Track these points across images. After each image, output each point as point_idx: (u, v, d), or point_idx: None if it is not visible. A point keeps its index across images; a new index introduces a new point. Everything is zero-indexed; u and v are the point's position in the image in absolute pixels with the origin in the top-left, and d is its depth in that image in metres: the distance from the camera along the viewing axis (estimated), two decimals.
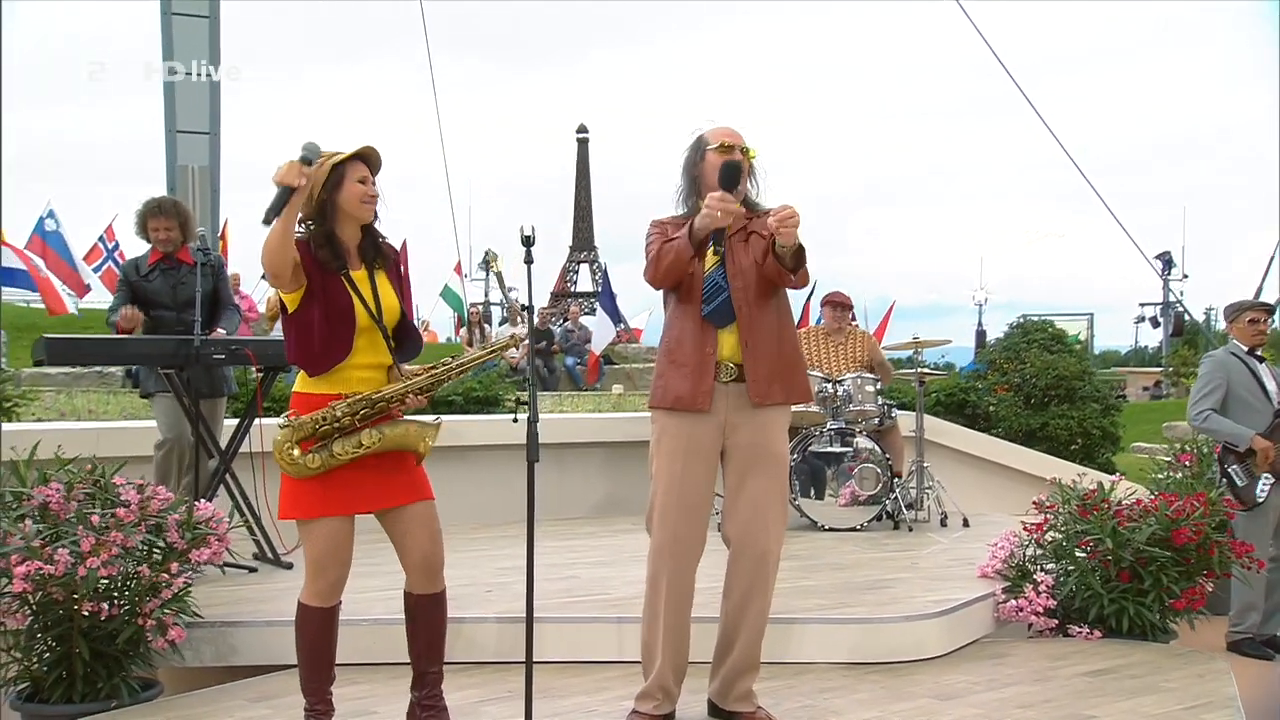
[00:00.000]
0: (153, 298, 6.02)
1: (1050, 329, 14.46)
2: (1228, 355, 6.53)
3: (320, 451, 3.50)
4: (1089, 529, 5.34)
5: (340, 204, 3.53)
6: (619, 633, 4.73)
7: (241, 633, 4.64)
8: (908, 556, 6.41)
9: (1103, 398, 13.34)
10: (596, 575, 5.72)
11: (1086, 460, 12.82)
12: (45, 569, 3.91)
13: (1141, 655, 4.89)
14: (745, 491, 3.92)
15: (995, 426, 12.95)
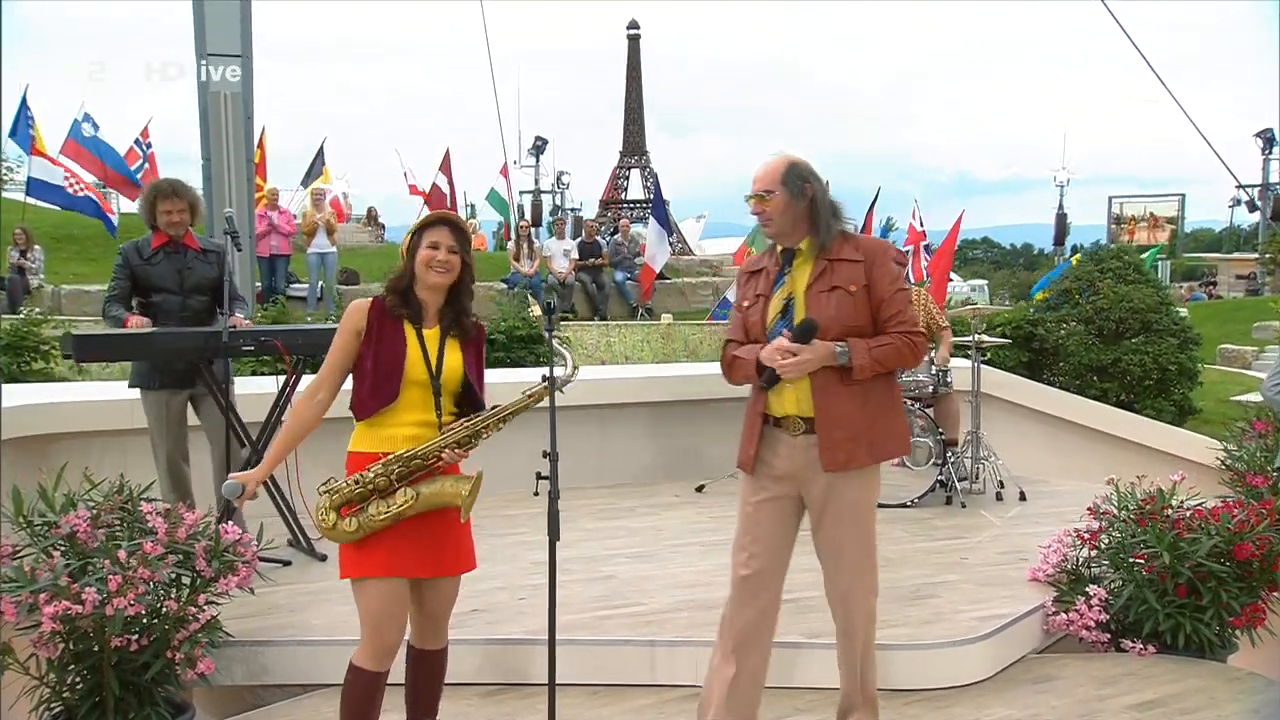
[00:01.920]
0: (157, 282, 6.06)
1: (1126, 256, 14.19)
2: None
3: (358, 515, 3.59)
4: (1146, 539, 5.33)
5: (414, 265, 3.71)
6: (651, 656, 4.81)
7: (273, 652, 4.80)
8: (958, 547, 6.44)
9: (1181, 331, 13.13)
10: (635, 574, 5.81)
11: (1162, 397, 12.72)
12: (73, 609, 4.05)
13: (1195, 680, 4.91)
14: (822, 537, 3.99)
15: (1064, 361, 12.84)
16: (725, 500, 7.68)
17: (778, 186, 3.85)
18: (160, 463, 6.16)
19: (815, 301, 3.82)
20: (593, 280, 18.87)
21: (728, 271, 22.00)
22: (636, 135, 22.32)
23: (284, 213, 17.67)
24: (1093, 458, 9.37)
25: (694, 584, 5.64)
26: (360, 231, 25.56)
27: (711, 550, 6.29)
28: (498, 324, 11.60)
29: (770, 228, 3.89)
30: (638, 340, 14.84)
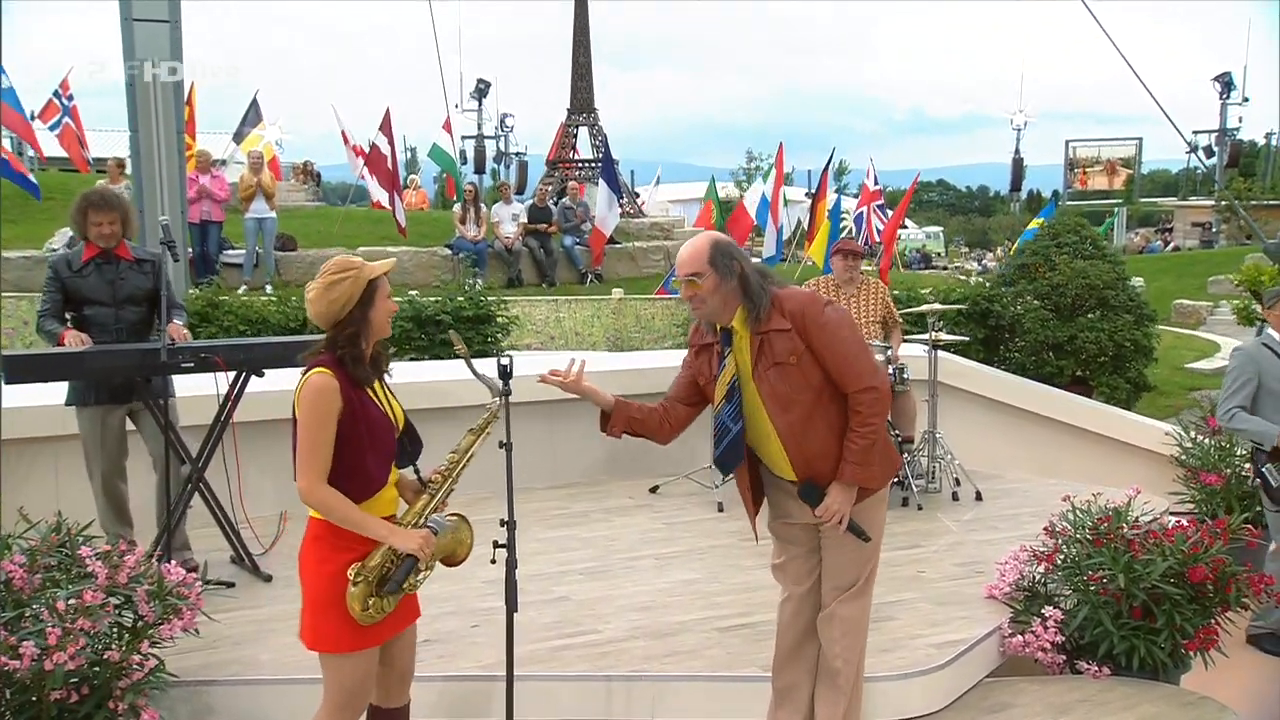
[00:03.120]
0: (88, 294, 5.98)
1: (1083, 230, 14.33)
2: (1259, 348, 6.56)
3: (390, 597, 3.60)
4: (1102, 561, 5.44)
5: (372, 319, 3.58)
6: (608, 691, 4.86)
7: (217, 691, 4.80)
8: (915, 559, 6.54)
9: (1137, 307, 13.31)
10: (589, 595, 5.86)
11: (1117, 374, 12.91)
12: (10, 664, 4.03)
13: (1150, 706, 5.03)
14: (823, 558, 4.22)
15: (1020, 338, 12.99)
16: (679, 502, 7.77)
17: (705, 268, 3.90)
18: (96, 483, 6.12)
19: (763, 381, 3.95)
20: (540, 245, 18.82)
21: (679, 235, 22.02)
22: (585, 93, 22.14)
23: (217, 177, 17.43)
24: (1050, 448, 9.50)
25: (649, 606, 5.70)
26: (295, 190, 25.29)
27: (666, 565, 6.36)
28: (443, 304, 11.54)
29: (702, 310, 3.97)
30: (588, 316, 14.84)
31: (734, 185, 45.46)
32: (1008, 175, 51.76)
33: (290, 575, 6.08)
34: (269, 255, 17.41)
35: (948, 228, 70.76)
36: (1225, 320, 25.45)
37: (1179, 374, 18.59)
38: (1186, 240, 45.46)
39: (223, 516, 6.20)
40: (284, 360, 6.17)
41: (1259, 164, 51.32)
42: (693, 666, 4.98)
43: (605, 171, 18.91)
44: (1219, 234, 42.91)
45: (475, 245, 18.13)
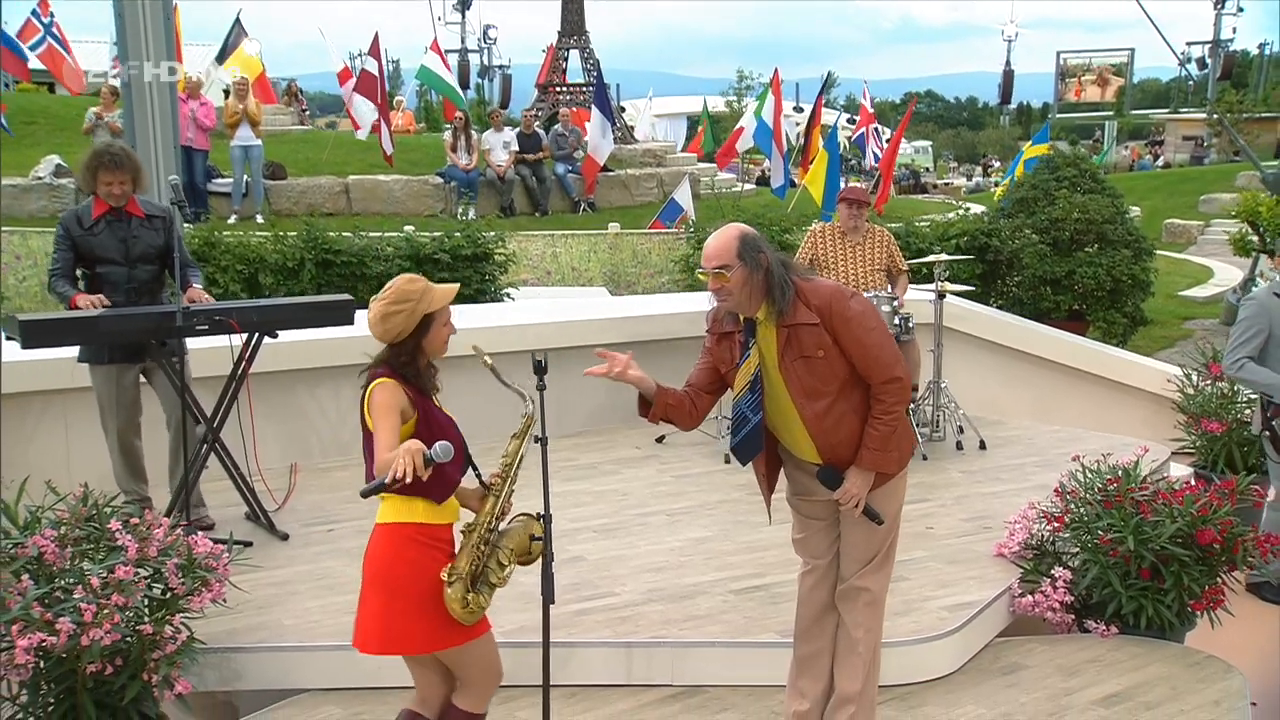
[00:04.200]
0: (100, 253, 6.00)
1: (1082, 164, 14.35)
2: (1271, 297, 6.59)
3: (484, 589, 3.74)
4: (1112, 522, 5.57)
5: (425, 348, 3.73)
6: (628, 657, 4.99)
7: (245, 658, 4.92)
8: (923, 514, 6.67)
9: (1135, 241, 13.39)
10: (604, 555, 5.98)
11: (1114, 309, 13.03)
12: (48, 641, 4.13)
13: (1158, 666, 5.20)
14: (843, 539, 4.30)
15: (1018, 273, 13.07)
16: (686, 453, 7.88)
17: (734, 260, 3.94)
18: (111, 440, 6.19)
19: (790, 373, 3.99)
20: (533, 174, 18.77)
21: (671, 161, 21.95)
22: (576, 14, 21.81)
23: (204, 104, 17.28)
24: (1051, 390, 9.64)
25: (663, 566, 5.82)
26: (281, 113, 25.02)
27: (677, 522, 6.48)
28: (441, 242, 11.55)
29: (729, 302, 3.98)
30: (584, 251, 14.84)
31: (724, 104, 45.15)
32: (996, 85, 51.52)
33: (307, 533, 6.26)
34: (257, 184, 17.34)
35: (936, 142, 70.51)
36: (1216, 239, 25.59)
37: (1172, 302, 18.77)
38: (1177, 154, 45.38)
39: (237, 474, 6.28)
40: (297, 322, 6.26)
41: (1251, 75, 51.11)
42: (711, 632, 5.11)
43: (598, 98, 18.80)
44: (1210, 148, 42.85)
45: (467, 174, 18.08)
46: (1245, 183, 29.82)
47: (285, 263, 11.08)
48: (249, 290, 10.85)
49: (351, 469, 7.51)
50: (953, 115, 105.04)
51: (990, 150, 65.62)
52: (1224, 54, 44.89)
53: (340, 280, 11.15)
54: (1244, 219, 15.66)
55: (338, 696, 4.87)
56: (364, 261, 11.25)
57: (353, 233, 11.68)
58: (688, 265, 13.05)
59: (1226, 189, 30.91)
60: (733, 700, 4.84)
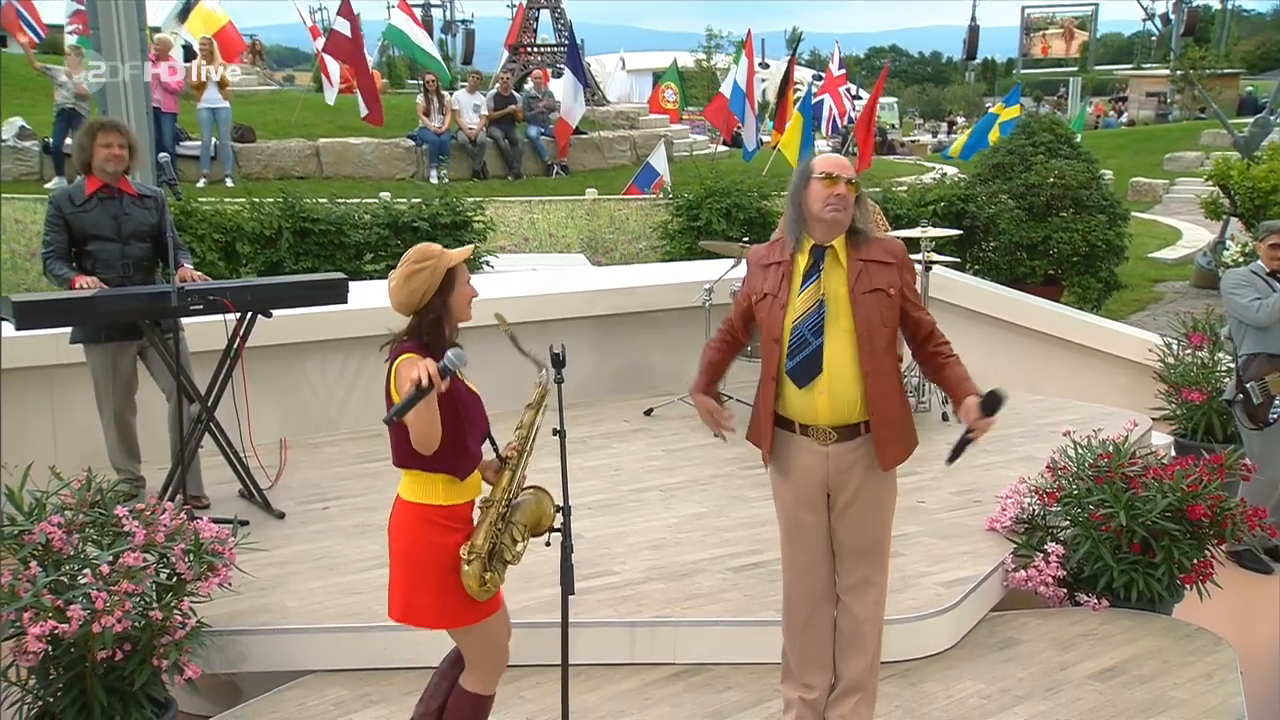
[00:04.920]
0: (92, 230, 5.98)
1: (1058, 129, 14.44)
2: (1250, 273, 6.75)
3: (499, 567, 3.79)
4: (1104, 498, 5.67)
5: (452, 306, 3.72)
6: (631, 636, 5.06)
7: (250, 640, 4.96)
8: (914, 487, 6.74)
9: (1110, 206, 13.51)
10: (601, 532, 6.04)
11: (1089, 274, 13.16)
12: (60, 628, 4.16)
13: (1149, 640, 5.33)
14: (844, 528, 4.27)
15: (995, 239, 13.17)
16: (675, 425, 7.95)
17: (855, 178, 4.03)
18: (107, 419, 6.20)
19: (861, 304, 4.00)
20: (505, 136, 18.69)
21: (644, 123, 21.89)
22: None
23: (173, 67, 17.08)
24: (1032, 359, 9.76)
25: (661, 544, 5.89)
26: (247, 72, 24.74)
27: (672, 498, 6.55)
28: (419, 210, 11.51)
29: (843, 216, 3.99)
30: (561, 217, 14.81)
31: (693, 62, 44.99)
32: (960, 40, 51.55)
33: (303, 511, 6.30)
34: (226, 147, 17.19)
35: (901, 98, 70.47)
36: (1181, 198, 25.85)
37: (1142, 264, 18.93)
38: (1141, 110, 45.59)
39: (231, 452, 6.29)
40: (292, 301, 6.26)
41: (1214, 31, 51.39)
42: (713, 611, 5.18)
43: (571, 60, 18.70)
44: (1174, 105, 43.08)
45: (439, 136, 17.97)
46: (1210, 140, 30.14)
47: (263, 231, 11.01)
48: (226, 259, 10.79)
49: (340, 444, 7.54)
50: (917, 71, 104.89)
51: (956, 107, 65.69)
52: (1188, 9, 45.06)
53: (318, 249, 11.10)
54: (1215, 182, 15.80)
55: (344, 678, 4.92)
56: (342, 230, 11.20)
57: (330, 200, 11.61)
58: (666, 232, 13.06)
59: (1191, 147, 31.20)
60: (736, 679, 4.93)
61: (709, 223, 12.28)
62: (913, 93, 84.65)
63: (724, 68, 44.37)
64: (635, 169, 17.90)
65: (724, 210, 12.35)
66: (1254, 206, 15.13)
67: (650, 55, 44.55)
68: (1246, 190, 15.12)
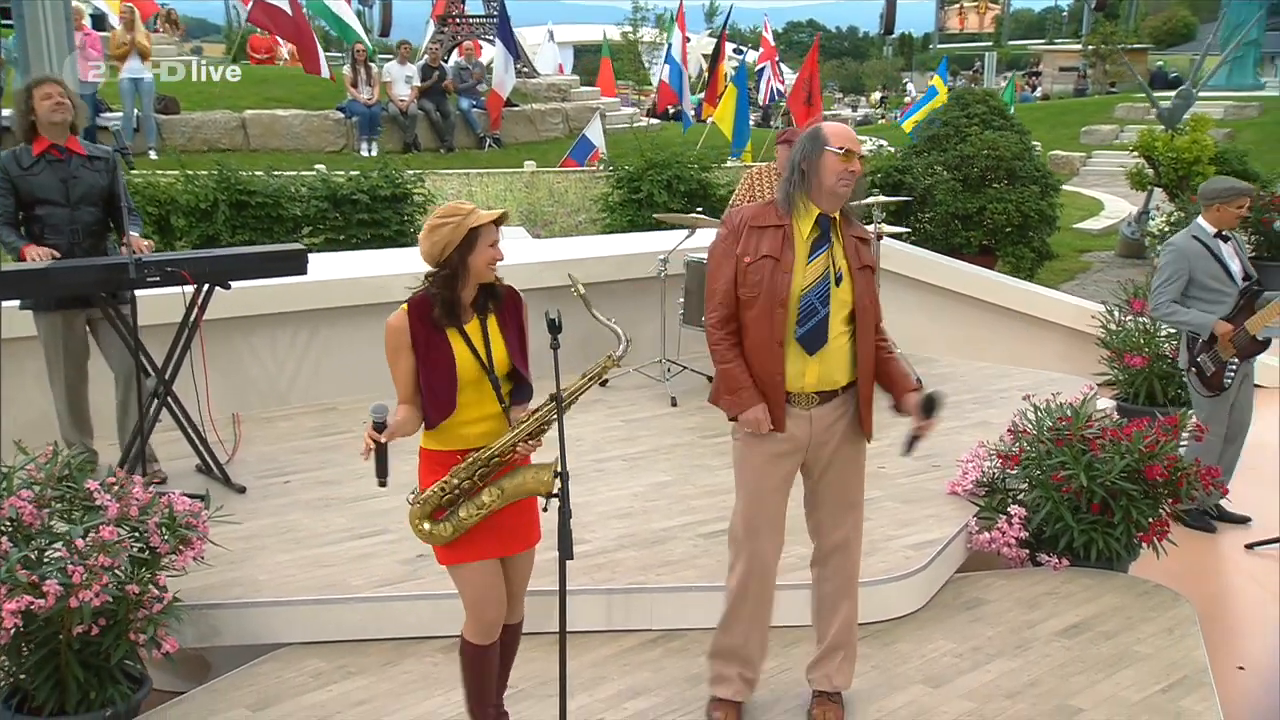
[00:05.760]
0: (40, 194, 5.84)
1: (992, 100, 14.64)
2: (1189, 240, 6.82)
3: (450, 520, 3.81)
4: (1064, 460, 5.80)
5: (470, 266, 3.72)
6: (608, 604, 5.09)
7: (223, 614, 4.91)
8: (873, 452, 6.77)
9: (1043, 178, 13.73)
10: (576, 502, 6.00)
11: (1022, 244, 13.37)
12: (35, 604, 4.09)
13: (1111, 597, 5.46)
14: (824, 492, 4.43)
15: (930, 209, 13.33)
16: (631, 396, 7.98)
17: (863, 155, 4.11)
18: (58, 389, 6.09)
19: (858, 280, 4.14)
20: (436, 108, 18.53)
21: (576, 96, 21.82)
22: None
23: (90, 35, 16.73)
24: (973, 327, 9.91)
25: (629, 512, 5.92)
26: (164, 43, 24.22)
27: (635, 467, 6.58)
28: (359, 183, 11.40)
29: (850, 189, 4.06)
30: (500, 190, 14.74)
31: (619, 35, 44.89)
32: (876, 15, 52.03)
33: (264, 486, 6.28)
34: (149, 118, 16.86)
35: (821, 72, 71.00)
36: (1098, 171, 26.41)
37: (1068, 234, 19.22)
38: (1055, 85, 46.27)
39: (190, 426, 6.21)
40: (250, 272, 6.20)
41: (1123, 7, 52.37)
42: (686, 577, 5.23)
43: (501, 31, 18.57)
44: (1089, 81, 43.82)
45: (369, 108, 17.76)
46: (1125, 114, 30.73)
47: (198, 204, 10.84)
48: (160, 233, 10.60)
49: (295, 418, 7.47)
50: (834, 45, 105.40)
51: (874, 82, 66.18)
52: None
53: (255, 223, 10.96)
54: (1140, 154, 16.12)
55: (320, 649, 4.89)
56: (279, 203, 11.07)
57: (266, 172, 11.45)
58: (607, 204, 13.06)
59: (1106, 120, 31.74)
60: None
61: (650, 195, 12.30)
62: (831, 67, 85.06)
63: (650, 41, 44.52)
64: (568, 142, 17.86)
65: (665, 182, 12.38)
66: (1177, 177, 15.48)
67: (574, 28, 44.39)
68: (1170, 161, 15.45)
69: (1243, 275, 6.78)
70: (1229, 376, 6.70)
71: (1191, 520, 7.15)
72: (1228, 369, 6.70)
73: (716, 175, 13.29)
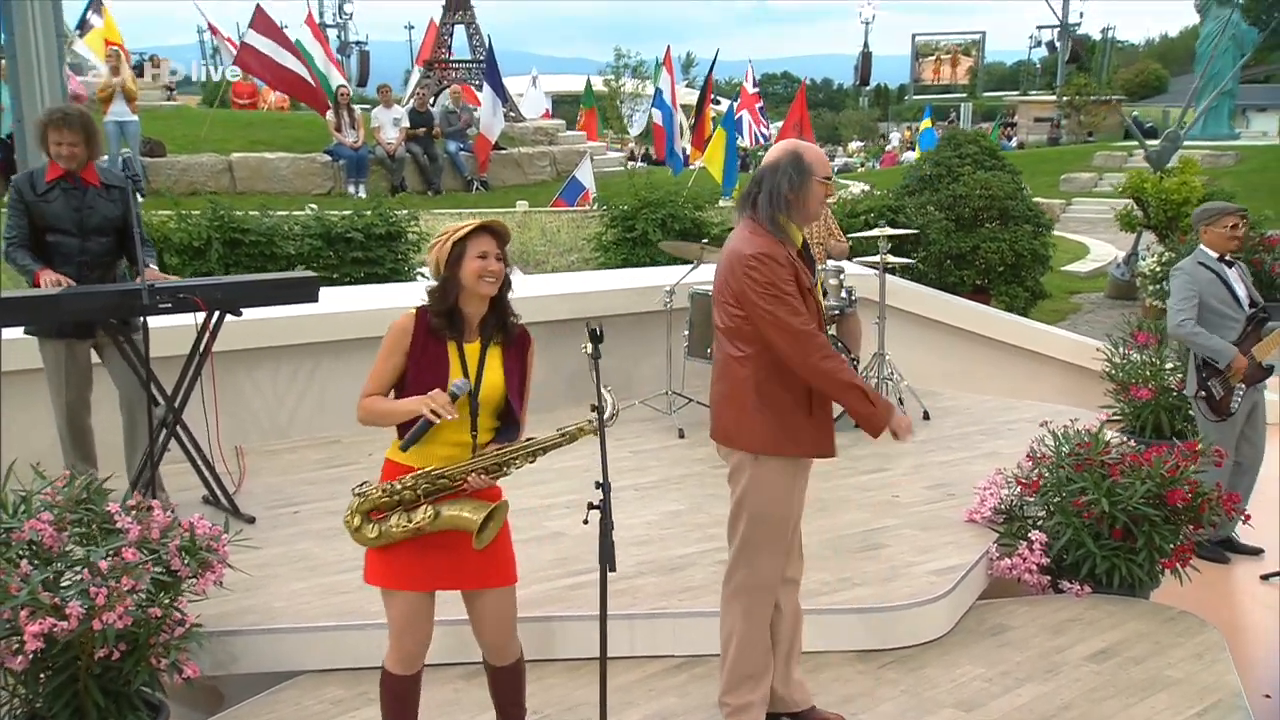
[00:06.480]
0: (52, 221, 5.82)
1: (983, 141, 14.78)
2: (1196, 266, 6.87)
3: (380, 523, 3.76)
4: (1084, 485, 5.78)
5: (460, 278, 3.71)
6: (630, 629, 5.04)
7: (240, 641, 4.84)
8: (884, 482, 6.84)
9: (1035, 217, 13.83)
10: (583, 530, 5.90)
11: (1015, 283, 13.45)
12: (59, 625, 4.02)
13: (1136, 624, 5.43)
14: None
15: (924, 249, 13.39)
16: (637, 429, 7.94)
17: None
18: (60, 419, 6.03)
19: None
20: (424, 152, 18.56)
21: (563, 140, 21.91)
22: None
23: (72, 79, 16.70)
24: (981, 364, 9.94)
25: (647, 540, 5.88)
26: (148, 88, 24.24)
27: (648, 496, 6.55)
28: (353, 221, 11.38)
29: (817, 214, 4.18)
30: None
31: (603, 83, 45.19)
32: (850, 67, 52.90)
33: (273, 516, 6.22)
34: (135, 161, 16.82)
35: None
36: (1078, 219, 26.75)
37: (1056, 276, 19.40)
38: (1030, 135, 46.84)
39: (199, 456, 6.14)
40: (262, 299, 6.15)
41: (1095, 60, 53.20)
42: (709, 602, 5.13)
43: (489, 75, 18.65)
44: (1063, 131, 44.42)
45: (355, 152, 17.78)
46: (1103, 162, 31.18)
47: (191, 242, 10.79)
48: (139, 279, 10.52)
49: (299, 450, 7.41)
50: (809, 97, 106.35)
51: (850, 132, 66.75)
52: (1072, 38, 46.57)
53: (249, 260, 10.90)
54: (1130, 195, 16.28)
55: (338, 677, 4.83)
56: (273, 241, 11.02)
57: (260, 211, 11.43)
58: (601, 243, 13.07)
59: (1085, 169, 32.21)
60: None
61: (645, 233, 12.32)
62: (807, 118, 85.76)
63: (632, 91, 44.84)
64: (556, 185, 17.92)
65: (660, 221, 12.40)
66: (1167, 218, 15.64)
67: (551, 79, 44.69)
68: (1160, 202, 15.61)
69: (1249, 301, 6.83)
70: (1236, 402, 6.73)
71: (1205, 551, 7.15)
72: (1235, 394, 6.72)
73: (710, 214, 13.33)
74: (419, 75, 21.67)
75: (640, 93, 43.89)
